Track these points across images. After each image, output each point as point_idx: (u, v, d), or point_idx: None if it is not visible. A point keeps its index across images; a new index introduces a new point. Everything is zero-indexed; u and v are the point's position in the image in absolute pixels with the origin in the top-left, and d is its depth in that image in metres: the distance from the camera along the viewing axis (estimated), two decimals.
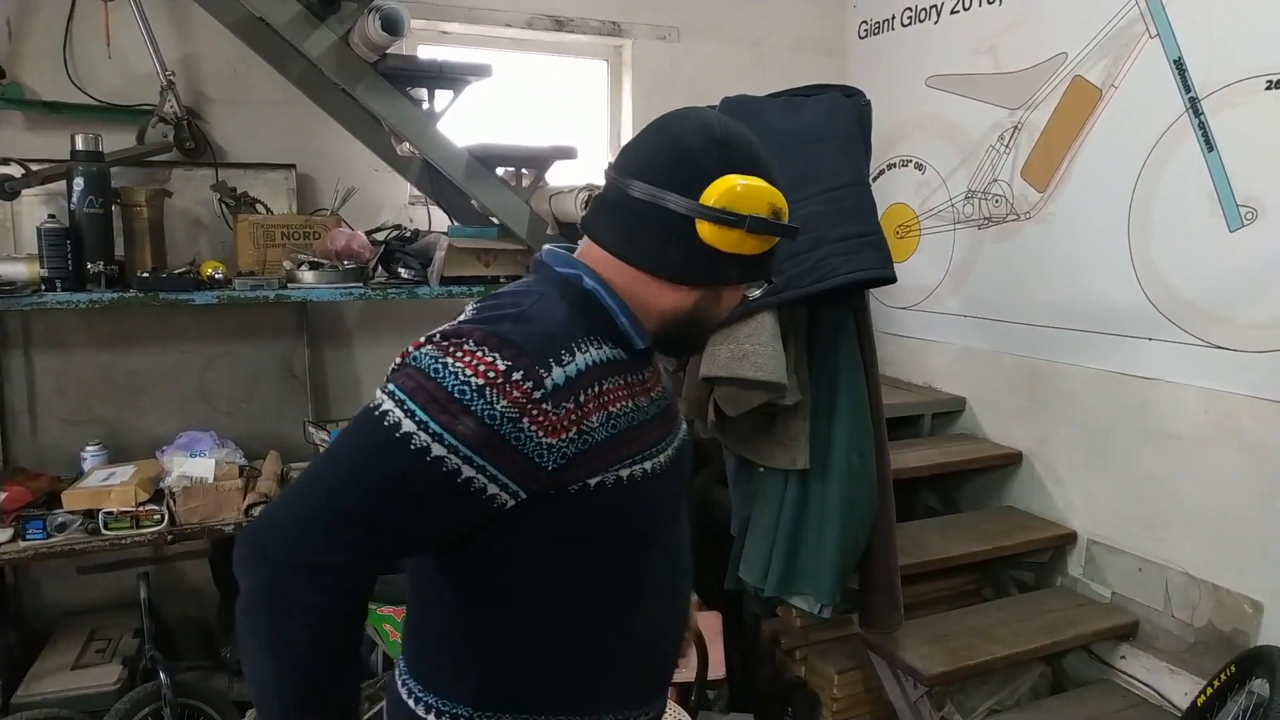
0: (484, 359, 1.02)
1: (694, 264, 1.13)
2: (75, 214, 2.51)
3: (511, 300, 1.13)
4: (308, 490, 1.03)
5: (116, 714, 2.47)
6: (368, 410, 1.03)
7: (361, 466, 1.01)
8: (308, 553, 0.98)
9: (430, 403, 1.00)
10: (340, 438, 1.06)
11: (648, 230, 1.13)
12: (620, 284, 1.16)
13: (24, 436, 2.98)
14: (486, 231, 2.92)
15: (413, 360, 1.04)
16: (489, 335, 1.04)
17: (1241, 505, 2.62)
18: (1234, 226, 2.61)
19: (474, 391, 1.00)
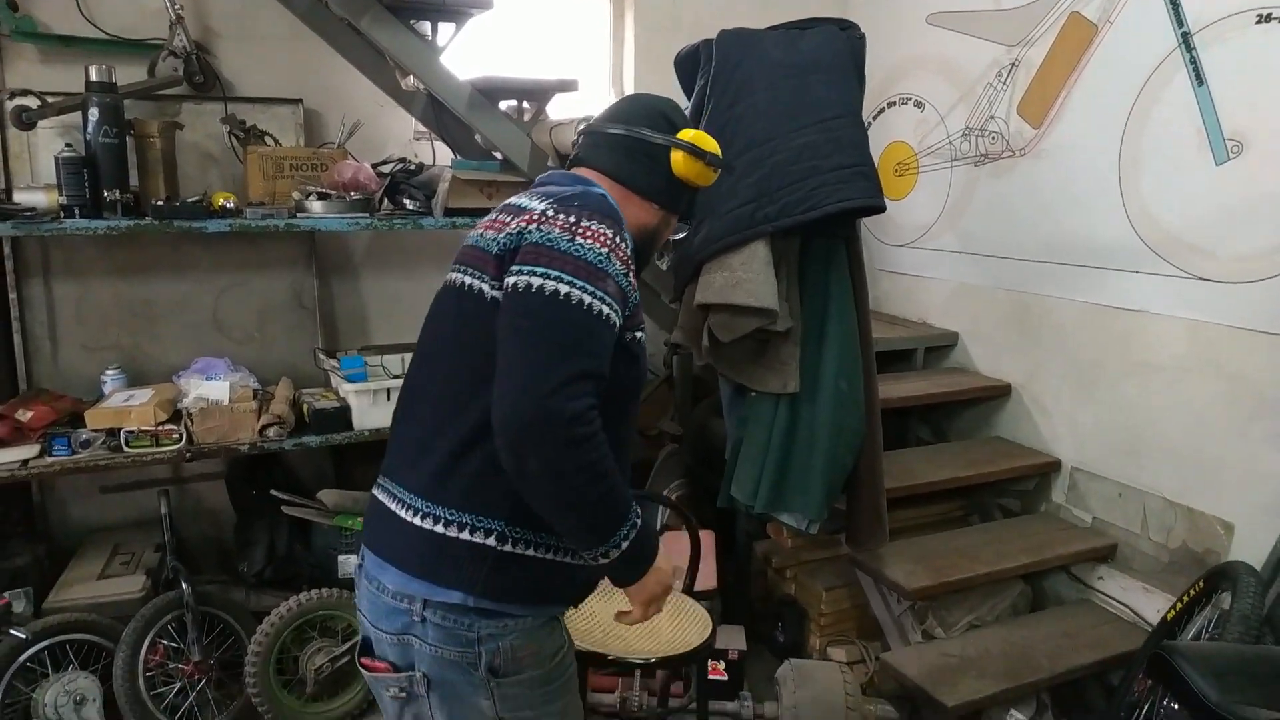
0: (600, 231, 1.33)
1: (665, 188, 1.57)
2: (91, 144, 2.59)
3: (568, 187, 1.44)
4: (538, 366, 1.23)
5: (142, 619, 2.62)
6: (549, 296, 1.27)
7: (570, 334, 1.26)
8: (574, 403, 1.22)
9: (588, 276, 1.29)
10: (535, 322, 1.27)
11: (635, 158, 1.54)
12: (619, 201, 1.50)
13: (46, 361, 3.10)
14: (489, 165, 2.99)
15: (549, 243, 1.31)
16: (594, 211, 1.36)
17: (1218, 432, 2.71)
18: (1220, 161, 2.66)
19: (604, 258, 1.32)
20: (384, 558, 1.42)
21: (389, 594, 1.39)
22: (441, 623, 1.35)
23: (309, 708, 2.76)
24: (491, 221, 1.44)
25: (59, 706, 2.47)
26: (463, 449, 1.35)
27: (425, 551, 1.36)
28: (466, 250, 1.46)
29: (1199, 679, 1.78)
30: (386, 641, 1.41)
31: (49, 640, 2.52)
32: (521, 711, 1.38)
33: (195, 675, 2.67)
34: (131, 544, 3.06)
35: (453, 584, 1.34)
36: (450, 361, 1.41)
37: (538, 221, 1.34)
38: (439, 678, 1.37)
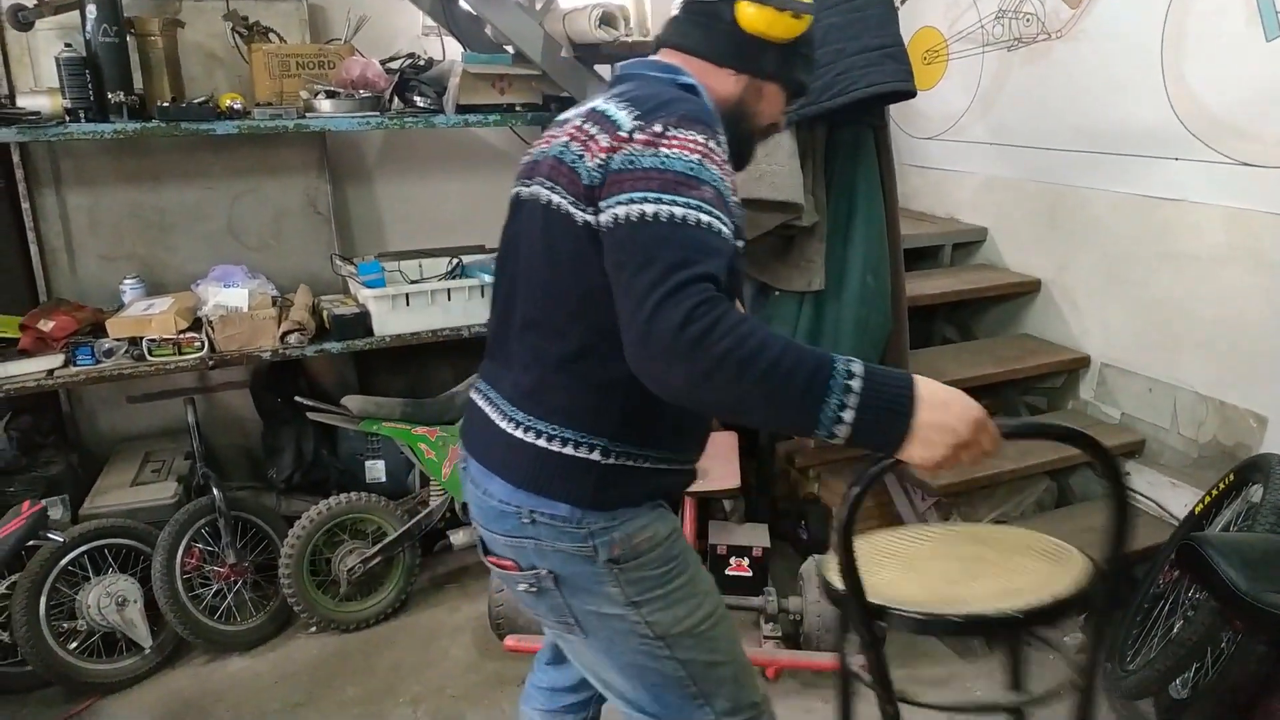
0: (688, 138, 1.23)
1: (736, 48, 1.40)
2: (91, 43, 2.51)
3: (654, 95, 1.31)
4: (638, 295, 1.14)
5: (176, 524, 2.67)
6: (637, 221, 1.17)
7: (667, 252, 1.15)
8: (677, 308, 1.10)
9: (677, 187, 1.18)
10: (629, 254, 1.18)
11: (699, 20, 1.41)
12: (698, 79, 1.40)
13: (64, 272, 3.08)
14: (501, 57, 2.88)
15: (632, 164, 1.21)
16: (680, 118, 1.25)
17: (1254, 323, 2.64)
18: (1271, 36, 2.51)
19: (696, 165, 1.21)
20: (488, 467, 1.40)
21: (495, 499, 1.38)
22: (551, 523, 1.34)
23: (342, 607, 2.83)
24: (577, 130, 1.32)
25: (102, 607, 2.54)
26: (563, 368, 1.33)
27: (529, 465, 1.34)
28: (551, 162, 1.33)
29: (1229, 568, 1.78)
30: (501, 542, 1.41)
31: (88, 545, 2.57)
32: (651, 592, 1.37)
33: (231, 577, 2.73)
34: (161, 452, 3.10)
35: (559, 497, 1.33)
36: (544, 282, 1.34)
37: (623, 143, 1.24)
38: (564, 571, 1.36)
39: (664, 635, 1.38)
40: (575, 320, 1.30)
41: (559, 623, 1.43)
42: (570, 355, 1.32)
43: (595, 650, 1.43)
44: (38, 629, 2.46)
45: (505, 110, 2.93)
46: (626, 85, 1.39)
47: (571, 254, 1.28)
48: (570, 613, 1.39)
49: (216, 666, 2.69)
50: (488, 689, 2.58)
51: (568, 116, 1.40)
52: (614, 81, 1.46)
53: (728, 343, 1.09)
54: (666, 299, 1.11)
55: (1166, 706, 2.33)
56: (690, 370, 1.10)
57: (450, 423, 2.91)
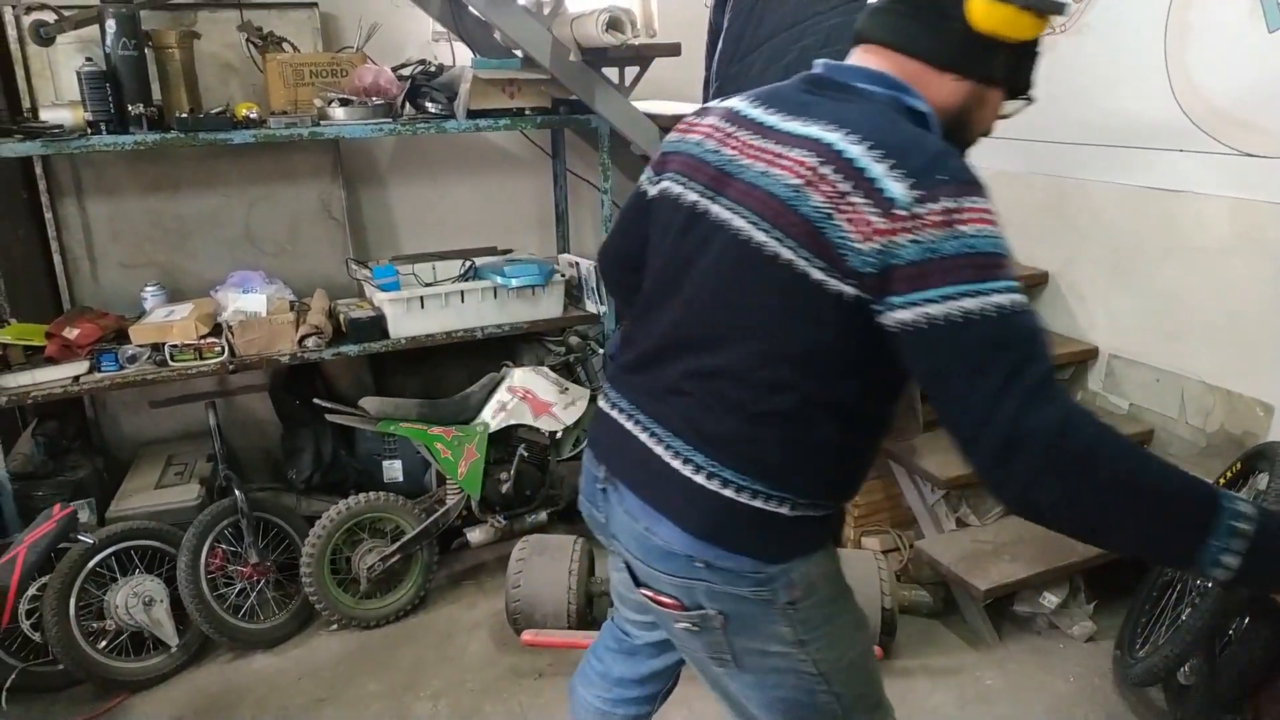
0: (979, 208, 1.09)
1: (963, 50, 1.21)
2: (111, 57, 2.57)
3: (897, 136, 1.14)
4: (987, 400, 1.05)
5: (200, 525, 2.73)
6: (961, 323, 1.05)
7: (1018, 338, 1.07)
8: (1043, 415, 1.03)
9: (990, 272, 1.06)
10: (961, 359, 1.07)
11: (919, 15, 1.22)
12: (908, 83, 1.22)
13: (86, 280, 3.15)
14: (510, 62, 2.93)
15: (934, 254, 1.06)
16: (964, 183, 1.09)
17: (1260, 312, 2.66)
18: (1274, 27, 2.53)
19: (996, 240, 1.09)
20: (656, 508, 1.29)
21: (662, 539, 1.28)
22: (728, 569, 1.26)
23: (363, 604, 2.89)
24: (814, 174, 1.14)
25: (130, 607, 2.60)
26: (767, 423, 1.22)
27: (712, 514, 1.24)
28: (772, 203, 1.17)
29: None
30: (666, 581, 1.31)
31: (115, 547, 2.64)
32: (819, 629, 1.31)
33: (254, 577, 2.79)
34: (184, 454, 3.17)
35: (743, 550, 1.25)
36: (748, 329, 1.22)
37: (908, 225, 1.07)
38: (735, 612, 1.28)
39: (825, 671, 1.33)
40: (793, 379, 1.20)
41: (712, 658, 1.36)
42: (780, 413, 1.22)
43: (744, 684, 1.38)
44: (68, 629, 2.52)
45: (515, 114, 2.98)
46: (848, 108, 1.20)
47: (803, 312, 1.17)
48: (729, 649, 1.33)
49: (241, 664, 2.75)
50: (505, 682, 2.63)
51: (765, 121, 1.25)
52: (821, 83, 1.28)
53: (1108, 461, 1.04)
54: (1025, 411, 1.03)
55: (1175, 692, 2.36)
56: (1064, 490, 1.05)
57: (465, 422, 2.96)
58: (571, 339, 3.30)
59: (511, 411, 2.98)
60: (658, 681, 1.71)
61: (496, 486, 2.99)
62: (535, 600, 2.65)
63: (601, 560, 2.97)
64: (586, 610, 2.70)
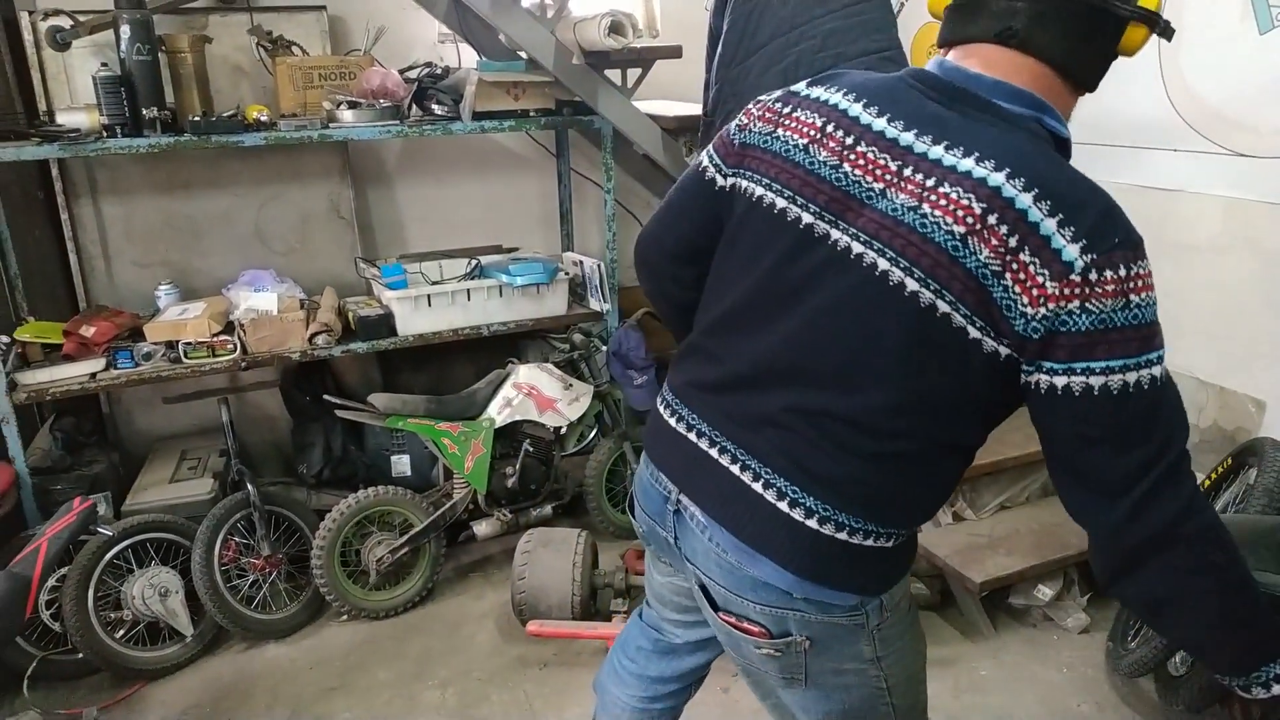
0: (1146, 273, 1.05)
1: (1102, 69, 1.17)
2: (125, 62, 2.63)
3: (1063, 181, 1.08)
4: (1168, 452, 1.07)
5: (213, 518, 2.80)
6: (1121, 392, 1.03)
7: (1170, 412, 1.08)
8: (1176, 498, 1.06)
9: (1150, 343, 1.05)
10: (1135, 411, 1.05)
11: (1093, 39, 1.13)
12: (1046, 100, 1.15)
13: (101, 279, 3.22)
14: (515, 65, 2.98)
15: (1106, 324, 1.02)
16: (1131, 246, 1.05)
17: (1252, 310, 2.71)
18: (1264, 29, 2.57)
19: (1154, 306, 1.06)
20: (756, 548, 1.21)
21: (758, 573, 1.23)
22: (831, 602, 1.23)
23: (373, 596, 2.96)
24: (971, 214, 1.05)
25: (146, 598, 2.67)
26: (887, 465, 1.17)
27: (818, 554, 1.19)
28: (908, 234, 1.09)
29: None
30: (754, 609, 1.26)
31: (131, 539, 2.70)
32: (893, 645, 1.30)
33: (266, 569, 2.86)
34: (197, 449, 3.24)
35: (848, 588, 1.22)
36: (874, 373, 1.14)
37: (1080, 292, 1.01)
38: (823, 637, 1.26)
39: (893, 685, 1.34)
40: (921, 426, 1.16)
41: (782, 677, 1.32)
42: (901, 456, 1.17)
43: (805, 698, 1.35)
44: (87, 619, 2.59)
45: (520, 116, 3.04)
46: (997, 134, 1.10)
47: (948, 367, 1.11)
48: (804, 670, 1.29)
49: (254, 653, 2.82)
50: (511, 672, 2.70)
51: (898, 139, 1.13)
52: (940, 91, 1.15)
53: (1218, 547, 1.07)
54: (1163, 485, 1.04)
55: (1165, 682, 2.41)
56: (1164, 564, 1.07)
57: (471, 418, 3.02)
58: (575, 336, 3.36)
59: (517, 407, 3.05)
60: (694, 675, 1.72)
61: (502, 481, 3.06)
62: (540, 592, 2.72)
63: (605, 553, 3.04)
64: (590, 601, 2.76)
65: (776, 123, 1.24)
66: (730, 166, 1.30)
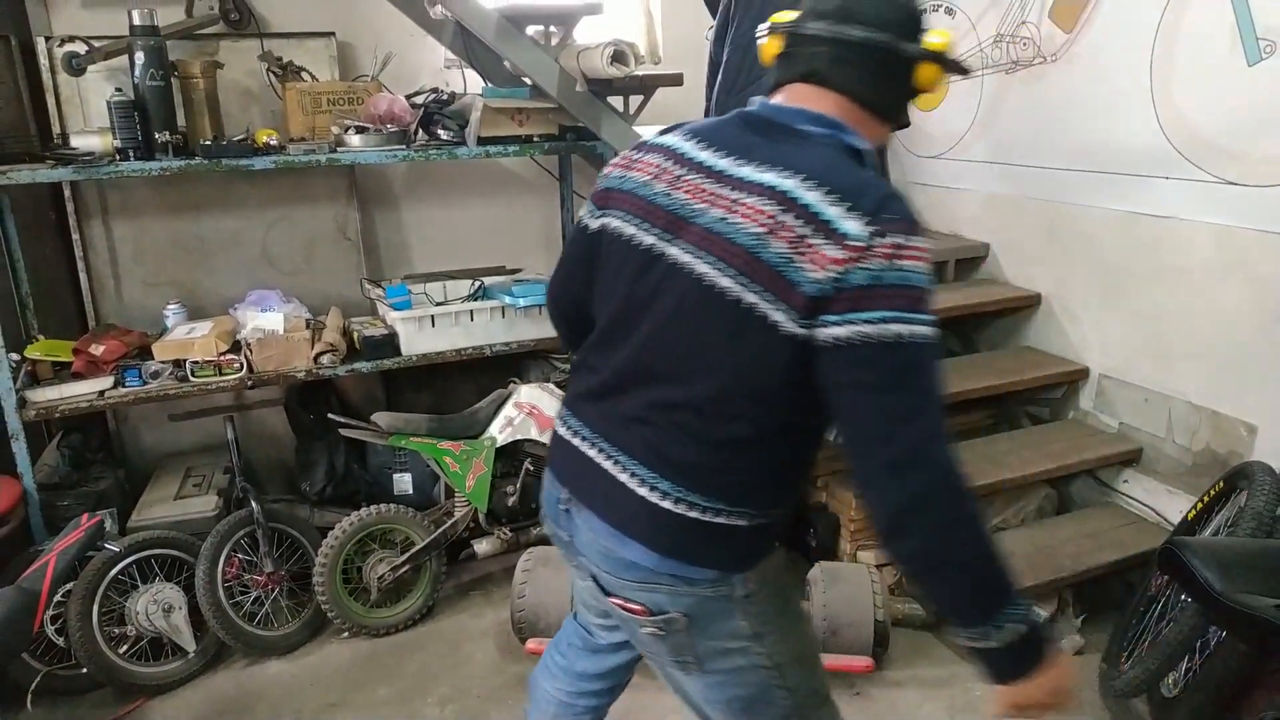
0: (918, 247, 1.20)
1: (903, 104, 1.37)
2: (139, 87, 2.70)
3: (850, 179, 1.23)
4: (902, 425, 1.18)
5: (217, 535, 2.83)
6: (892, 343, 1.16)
7: (933, 368, 1.20)
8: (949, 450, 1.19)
9: (919, 303, 1.18)
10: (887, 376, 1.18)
11: (883, 75, 1.32)
12: (862, 132, 1.32)
13: (110, 298, 3.27)
14: (519, 91, 3.05)
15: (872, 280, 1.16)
16: (907, 223, 1.20)
17: (1244, 335, 2.75)
18: (1253, 61, 2.62)
19: (927, 276, 1.21)
20: (622, 530, 1.37)
21: (628, 555, 1.37)
22: (694, 578, 1.36)
23: (374, 613, 2.98)
24: (774, 222, 1.22)
25: (150, 614, 2.70)
26: (728, 449, 1.32)
27: (676, 534, 1.34)
28: (719, 240, 1.26)
29: (1205, 570, 1.87)
30: (632, 589, 1.40)
31: (136, 555, 2.73)
32: (772, 622, 1.41)
33: (269, 585, 2.89)
34: (202, 467, 3.28)
35: (706, 564, 1.35)
36: (710, 367, 1.29)
37: (860, 256, 1.16)
38: (696, 612, 1.37)
39: (780, 664, 1.43)
40: (750, 410, 1.29)
41: (676, 661, 1.44)
42: (739, 439, 1.31)
43: (705, 686, 1.46)
44: (91, 634, 2.62)
45: (524, 141, 3.09)
46: (794, 150, 1.27)
47: (761, 353, 1.25)
48: (692, 651, 1.40)
49: (256, 670, 2.84)
50: (510, 690, 2.72)
51: (714, 165, 1.31)
52: (764, 127, 1.33)
53: (972, 510, 1.20)
54: (929, 439, 1.17)
55: (1158, 704, 2.43)
56: (943, 519, 1.18)
57: (473, 437, 3.06)
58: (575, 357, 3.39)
59: (518, 427, 3.08)
60: (617, 676, 1.82)
61: (503, 499, 3.09)
62: (540, 610, 2.74)
63: None
64: None
65: (629, 166, 1.43)
66: (599, 209, 1.46)
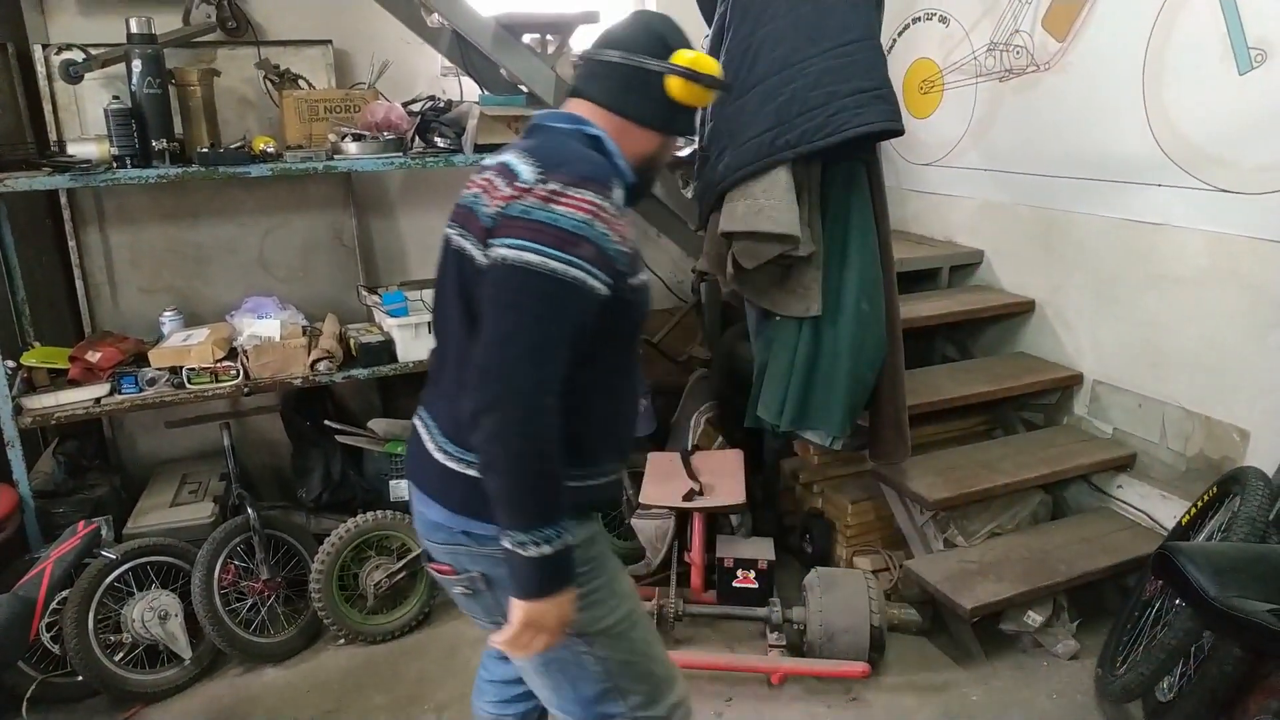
0: (581, 198, 1.37)
1: (664, 115, 1.58)
2: (136, 95, 2.70)
3: (559, 152, 1.45)
4: (507, 338, 1.35)
5: (214, 542, 2.83)
6: (520, 267, 1.34)
7: (538, 304, 1.35)
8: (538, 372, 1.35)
9: (561, 243, 1.35)
10: (506, 294, 1.36)
11: (632, 87, 1.55)
12: (613, 133, 1.56)
13: (107, 305, 3.28)
14: (515, 99, 3.05)
15: (526, 214, 1.36)
16: (578, 179, 1.39)
17: (1236, 341, 2.76)
18: (1244, 70, 2.64)
19: (583, 224, 1.36)
20: (425, 492, 1.56)
21: (432, 515, 1.55)
22: (485, 534, 1.48)
23: (370, 620, 2.98)
24: (486, 182, 1.47)
25: (145, 621, 2.69)
26: None
27: (462, 492, 1.49)
28: (461, 210, 1.51)
29: (1199, 575, 1.88)
30: (440, 550, 1.57)
31: (132, 562, 2.74)
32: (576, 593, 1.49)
33: (265, 592, 2.89)
34: (198, 474, 3.28)
35: (490, 519, 1.44)
36: (458, 321, 1.49)
37: (522, 194, 1.38)
38: (494, 573, 1.51)
39: (583, 633, 1.52)
40: None
41: (491, 623, 1.57)
42: None
43: None
44: (87, 641, 2.61)
45: None
46: (536, 139, 1.53)
47: (472, 295, 1.43)
48: (501, 612, 1.51)
49: (252, 677, 2.84)
50: None
51: (487, 164, 1.55)
52: (527, 131, 1.60)
53: (547, 431, 1.35)
54: (518, 360, 1.33)
55: (1153, 708, 2.44)
56: (508, 423, 1.33)
57: None
58: None
59: None
60: None
61: None
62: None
63: None
64: None
65: (466, 185, 1.59)
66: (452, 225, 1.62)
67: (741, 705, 2.66)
